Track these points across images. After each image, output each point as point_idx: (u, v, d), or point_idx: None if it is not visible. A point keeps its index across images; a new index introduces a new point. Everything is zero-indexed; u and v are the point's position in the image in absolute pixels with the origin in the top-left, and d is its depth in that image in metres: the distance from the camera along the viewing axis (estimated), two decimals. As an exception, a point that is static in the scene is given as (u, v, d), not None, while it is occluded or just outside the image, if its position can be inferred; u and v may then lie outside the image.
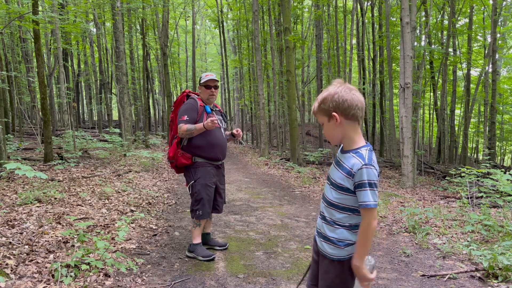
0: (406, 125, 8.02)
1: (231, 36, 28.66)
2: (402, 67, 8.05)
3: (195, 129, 3.48)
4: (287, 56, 11.93)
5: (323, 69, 18.67)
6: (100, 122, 21.61)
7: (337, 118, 1.62)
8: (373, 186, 1.57)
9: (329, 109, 1.63)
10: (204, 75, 3.72)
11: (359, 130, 1.67)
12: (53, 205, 4.78)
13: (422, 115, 20.70)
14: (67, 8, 9.72)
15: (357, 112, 1.61)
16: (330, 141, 1.75)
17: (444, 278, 3.23)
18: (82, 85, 28.61)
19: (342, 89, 1.62)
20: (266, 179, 9.40)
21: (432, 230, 4.56)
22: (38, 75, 8.40)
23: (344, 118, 1.62)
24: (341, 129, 1.65)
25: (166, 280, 3.13)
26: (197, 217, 3.62)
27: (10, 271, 2.80)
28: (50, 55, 19.22)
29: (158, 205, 5.87)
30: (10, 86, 14.34)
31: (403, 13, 8.05)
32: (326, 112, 1.65)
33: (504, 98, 19.51)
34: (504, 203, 5.01)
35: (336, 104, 1.61)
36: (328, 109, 1.64)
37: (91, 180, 6.83)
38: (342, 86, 1.64)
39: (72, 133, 9.55)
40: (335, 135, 1.68)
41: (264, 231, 4.63)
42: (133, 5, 13.72)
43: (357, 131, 1.66)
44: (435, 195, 7.14)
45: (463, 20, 16.95)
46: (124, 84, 11.80)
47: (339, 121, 1.62)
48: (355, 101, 1.60)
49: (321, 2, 15.15)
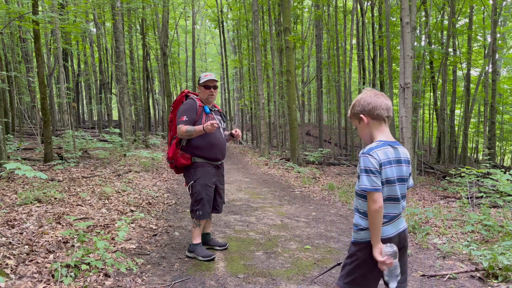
0: (406, 125, 8.02)
1: (231, 36, 28.66)
2: (402, 67, 8.04)
3: (194, 131, 3.47)
4: (287, 56, 11.94)
5: (323, 69, 18.69)
6: (100, 122, 21.60)
7: (364, 119, 1.89)
8: (369, 172, 1.76)
9: (358, 112, 1.91)
10: (203, 75, 3.71)
11: (383, 128, 1.89)
12: (53, 205, 4.78)
13: (422, 115, 20.69)
14: (67, 8, 9.72)
15: (381, 112, 1.85)
16: (365, 141, 1.98)
17: (444, 278, 3.23)
18: (82, 85, 28.62)
19: (367, 95, 1.90)
20: (266, 179, 9.40)
21: (432, 230, 4.56)
22: (38, 75, 8.40)
23: (371, 119, 1.88)
24: (369, 129, 1.91)
25: (166, 280, 3.13)
26: (197, 217, 3.62)
27: (10, 271, 2.80)
28: (50, 55, 19.22)
29: (158, 205, 5.87)
30: (10, 86, 14.34)
31: (403, 13, 8.05)
32: (357, 116, 1.92)
33: (504, 98, 19.50)
34: (504, 203, 5.01)
35: (362, 107, 1.89)
36: (357, 113, 1.91)
37: (91, 180, 6.83)
38: (369, 92, 1.91)
39: (72, 133, 9.55)
40: (366, 135, 1.94)
41: (264, 231, 4.63)
42: (133, 5, 13.72)
43: (381, 129, 1.89)
44: (435, 195, 7.14)
45: (463, 20, 16.95)
46: (124, 84, 11.80)
47: (366, 121, 1.89)
48: (378, 103, 1.86)
49: (321, 2, 15.15)
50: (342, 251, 3.96)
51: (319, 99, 19.22)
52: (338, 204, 6.52)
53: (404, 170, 1.88)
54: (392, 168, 1.82)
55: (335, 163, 12.78)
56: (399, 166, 1.86)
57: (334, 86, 17.55)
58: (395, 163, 1.83)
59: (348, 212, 5.90)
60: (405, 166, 1.89)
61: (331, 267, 2.28)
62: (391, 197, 1.83)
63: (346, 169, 11.33)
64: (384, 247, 1.77)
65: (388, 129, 1.91)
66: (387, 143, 1.85)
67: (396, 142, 1.90)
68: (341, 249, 4.03)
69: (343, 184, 8.29)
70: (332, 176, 9.69)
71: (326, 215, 5.70)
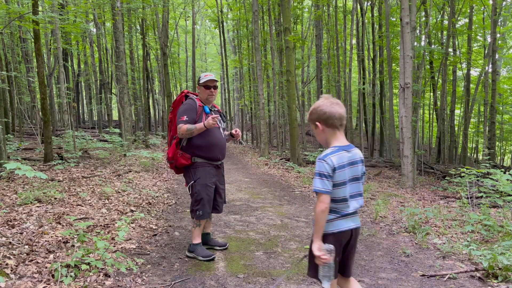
0: (406, 125, 8.02)
1: (231, 36, 28.65)
2: (402, 67, 8.05)
3: (195, 128, 3.47)
4: (287, 56, 11.94)
5: (323, 69, 18.68)
6: (100, 122, 21.60)
7: (319, 126, 2.08)
8: (322, 176, 1.97)
9: (314, 120, 2.10)
10: (203, 75, 3.71)
11: (337, 134, 2.09)
12: (53, 205, 4.78)
13: (422, 115, 20.69)
14: (67, 8, 9.72)
15: (334, 121, 2.04)
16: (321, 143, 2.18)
17: (444, 278, 3.24)
18: (82, 85, 28.61)
19: (324, 103, 2.07)
20: (266, 179, 9.40)
21: (432, 230, 4.57)
22: (38, 75, 8.40)
23: (326, 126, 2.07)
24: (324, 135, 2.10)
25: (166, 280, 3.13)
26: (197, 217, 3.62)
27: (10, 271, 2.80)
28: (50, 55, 19.22)
29: (158, 205, 5.87)
30: (10, 86, 14.34)
31: (403, 13, 8.05)
32: (313, 122, 2.11)
33: (504, 98, 19.49)
34: (504, 203, 5.01)
35: (318, 115, 2.07)
36: (314, 120, 2.10)
37: (91, 180, 6.83)
38: (325, 100, 2.07)
39: (72, 133, 9.55)
40: (322, 139, 2.15)
41: (264, 231, 4.63)
42: (133, 5, 13.72)
43: (335, 135, 2.09)
44: (435, 195, 7.14)
45: (463, 20, 16.94)
46: (124, 84, 11.80)
47: (321, 128, 2.08)
48: (333, 113, 2.03)
49: (321, 2, 15.15)
50: (342, 251, 3.96)
51: (319, 99, 19.19)
52: (338, 204, 6.51)
53: (359, 170, 2.11)
54: (346, 171, 2.03)
55: (335, 163, 12.77)
56: (354, 167, 2.08)
57: (334, 86, 17.54)
58: (348, 165, 2.04)
59: (348, 212, 5.90)
60: (360, 165, 2.11)
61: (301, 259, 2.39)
62: (343, 197, 2.04)
63: (346, 169, 11.32)
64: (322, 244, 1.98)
65: (343, 134, 2.12)
66: (342, 148, 2.05)
67: (350, 145, 2.10)
68: (341, 249, 4.03)
69: (343, 184, 8.28)
70: (332, 176, 9.68)
71: (326, 215, 5.69)
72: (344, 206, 2.05)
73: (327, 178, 1.97)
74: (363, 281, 3.18)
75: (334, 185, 2.00)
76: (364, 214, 5.68)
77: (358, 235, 2.17)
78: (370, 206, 6.12)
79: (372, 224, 5.10)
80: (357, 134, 21.92)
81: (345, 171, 2.02)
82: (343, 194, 2.03)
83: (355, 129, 24.13)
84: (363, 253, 3.92)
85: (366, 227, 4.91)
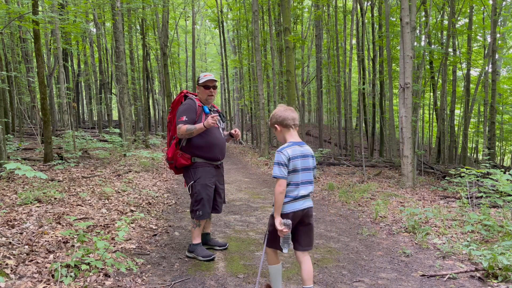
0: (406, 125, 8.02)
1: (231, 36, 28.65)
2: (402, 67, 8.05)
3: (195, 129, 3.47)
4: (287, 56, 11.93)
5: (323, 69, 18.68)
6: (100, 122, 21.59)
7: (278, 128, 2.66)
8: (279, 165, 2.50)
9: (274, 123, 2.68)
10: (202, 75, 3.70)
11: (292, 132, 2.65)
12: (53, 205, 4.78)
13: (422, 115, 20.69)
14: (67, 8, 9.72)
15: (289, 122, 2.62)
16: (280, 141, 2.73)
17: (444, 278, 3.24)
18: (82, 85, 28.61)
19: (279, 110, 2.68)
20: (266, 179, 9.40)
21: (432, 230, 4.57)
22: (38, 75, 8.40)
23: (282, 127, 2.65)
24: (282, 134, 2.68)
25: (166, 280, 3.13)
26: (197, 218, 3.62)
27: (10, 271, 2.80)
28: (50, 55, 19.21)
29: (158, 205, 5.87)
30: (10, 86, 14.35)
31: (403, 13, 8.05)
32: (273, 125, 2.70)
33: (504, 98, 19.48)
34: (504, 203, 5.01)
35: (276, 119, 2.66)
36: (273, 123, 2.69)
37: (91, 180, 6.83)
38: (281, 107, 2.69)
39: (72, 133, 9.55)
40: (281, 138, 2.70)
41: (264, 231, 4.63)
42: (133, 5, 13.71)
43: (290, 134, 2.65)
44: (435, 195, 7.14)
45: (463, 20, 16.93)
46: (124, 84, 11.80)
47: (279, 129, 2.66)
48: (286, 116, 2.63)
49: (321, 2, 15.15)
50: (342, 251, 3.97)
51: (319, 99, 19.21)
52: (338, 204, 6.52)
53: (310, 162, 2.63)
54: (298, 161, 2.55)
55: (335, 163, 12.78)
56: (305, 159, 2.60)
57: (334, 86, 17.55)
58: (301, 157, 2.57)
59: (348, 212, 5.90)
60: (311, 159, 2.65)
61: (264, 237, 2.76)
62: (296, 182, 2.55)
63: (346, 169, 11.33)
64: (282, 220, 2.49)
65: (296, 133, 2.67)
66: (295, 143, 2.60)
67: (301, 142, 2.64)
68: (341, 249, 4.03)
69: (343, 184, 8.29)
70: (332, 176, 9.69)
71: (326, 215, 5.70)
72: (297, 189, 2.56)
73: (284, 166, 2.50)
74: (363, 281, 3.19)
75: (289, 172, 2.52)
76: (364, 214, 5.68)
77: (311, 214, 2.68)
78: (370, 206, 6.12)
79: (372, 224, 5.10)
80: (357, 134, 21.93)
81: (297, 161, 2.55)
82: (296, 180, 2.55)
83: (355, 129, 24.14)
84: (363, 253, 3.92)
85: (366, 227, 4.91)
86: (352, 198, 6.68)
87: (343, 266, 3.52)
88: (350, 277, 3.27)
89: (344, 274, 3.34)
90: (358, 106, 21.30)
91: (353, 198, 6.70)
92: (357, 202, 6.45)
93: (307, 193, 2.62)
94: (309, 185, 2.62)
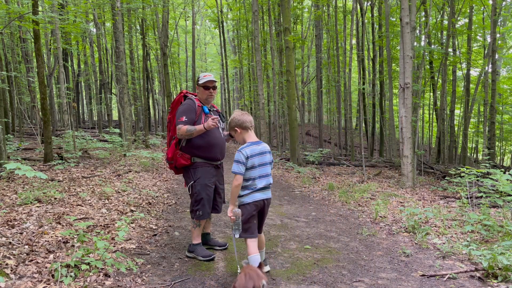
0: (405, 125, 8.02)
1: (231, 36, 28.65)
2: (402, 67, 8.05)
3: (195, 130, 3.47)
4: (287, 56, 11.94)
5: (323, 69, 18.67)
6: (100, 122, 21.58)
7: (238, 130, 3.05)
8: (238, 162, 2.92)
9: (233, 126, 3.07)
10: (202, 75, 3.69)
11: (249, 133, 3.07)
12: (53, 205, 4.78)
13: (421, 115, 20.68)
14: (67, 8, 9.71)
15: (247, 124, 3.04)
16: (239, 142, 3.14)
17: (444, 278, 3.24)
18: (82, 85, 28.59)
19: (238, 114, 3.07)
20: (266, 179, 9.38)
21: (432, 230, 4.57)
22: (38, 75, 8.39)
23: (241, 129, 3.05)
24: (241, 136, 3.07)
25: (166, 280, 3.13)
26: (197, 218, 3.62)
27: (10, 271, 2.80)
28: (50, 55, 19.21)
29: (158, 205, 5.87)
30: (10, 86, 14.34)
31: (403, 13, 8.05)
32: (233, 128, 3.08)
33: (504, 98, 19.48)
34: (504, 203, 5.01)
35: (235, 123, 3.06)
36: (233, 126, 3.08)
37: (91, 180, 6.83)
38: (238, 112, 3.08)
39: (72, 133, 9.54)
40: (240, 139, 3.10)
41: (264, 231, 4.62)
42: (133, 5, 13.71)
43: (248, 135, 3.06)
44: (435, 195, 7.14)
45: (462, 20, 16.93)
46: (124, 84, 11.80)
47: (239, 131, 3.06)
48: (244, 119, 3.03)
49: (321, 2, 15.15)
50: (342, 251, 3.97)
51: (319, 99, 19.21)
52: (338, 204, 6.52)
53: (267, 158, 3.03)
54: (255, 158, 2.95)
55: (335, 163, 12.78)
56: (263, 156, 3.00)
57: (334, 86, 17.54)
58: (258, 155, 2.97)
59: (348, 212, 5.90)
60: (268, 155, 3.05)
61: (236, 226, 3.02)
62: (254, 177, 2.97)
63: (346, 169, 11.33)
64: (234, 209, 2.95)
65: (253, 133, 3.08)
66: (253, 143, 3.00)
67: (259, 141, 3.04)
68: (341, 249, 4.03)
69: (343, 184, 8.29)
70: (332, 176, 9.69)
71: (326, 215, 5.70)
72: (255, 183, 2.97)
73: (242, 164, 2.91)
74: (363, 281, 3.19)
75: (247, 169, 2.94)
76: (364, 214, 5.68)
77: (269, 204, 3.13)
78: (370, 206, 6.12)
79: (372, 224, 5.10)
80: (357, 134, 21.92)
81: (255, 159, 2.95)
82: (253, 175, 2.97)
83: (355, 129, 24.13)
84: (363, 253, 3.92)
85: (366, 227, 4.92)
86: (352, 198, 6.69)
87: (343, 266, 3.53)
88: (350, 277, 3.27)
89: (344, 274, 3.34)
90: (358, 106, 21.30)
91: (353, 198, 6.70)
92: (357, 202, 6.45)
93: (266, 185, 3.02)
94: (267, 177, 3.03)
